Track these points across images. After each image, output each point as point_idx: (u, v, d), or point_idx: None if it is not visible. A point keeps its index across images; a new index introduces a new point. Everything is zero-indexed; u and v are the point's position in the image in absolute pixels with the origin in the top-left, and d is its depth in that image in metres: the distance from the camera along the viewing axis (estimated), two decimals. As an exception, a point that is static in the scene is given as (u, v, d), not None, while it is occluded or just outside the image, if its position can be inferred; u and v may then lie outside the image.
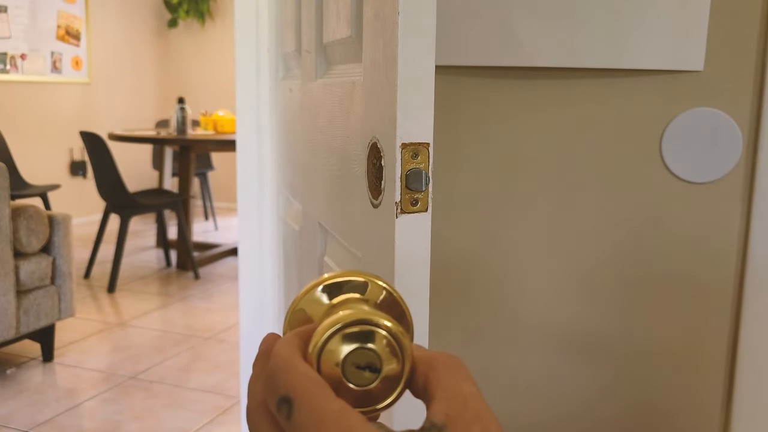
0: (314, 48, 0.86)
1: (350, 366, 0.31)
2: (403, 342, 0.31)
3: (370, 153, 0.59)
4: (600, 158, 0.83)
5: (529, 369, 0.88)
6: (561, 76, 0.82)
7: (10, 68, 5.06)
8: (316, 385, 0.29)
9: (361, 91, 0.63)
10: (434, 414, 0.29)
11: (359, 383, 0.31)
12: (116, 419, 2.31)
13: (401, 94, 0.51)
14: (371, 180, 0.59)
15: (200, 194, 5.69)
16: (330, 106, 0.79)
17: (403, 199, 0.53)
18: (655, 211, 0.83)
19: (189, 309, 3.50)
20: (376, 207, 0.58)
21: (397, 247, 0.53)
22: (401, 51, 0.50)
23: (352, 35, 0.68)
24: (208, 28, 6.35)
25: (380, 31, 0.55)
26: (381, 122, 0.56)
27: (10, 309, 2.48)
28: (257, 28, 1.39)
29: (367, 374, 0.31)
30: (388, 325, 0.31)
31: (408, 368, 0.31)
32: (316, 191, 0.89)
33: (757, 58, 0.78)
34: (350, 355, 0.31)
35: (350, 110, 0.69)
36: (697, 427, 0.86)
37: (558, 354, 0.87)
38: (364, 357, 0.31)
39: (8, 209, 2.45)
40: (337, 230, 0.78)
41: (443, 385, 0.30)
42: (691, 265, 0.83)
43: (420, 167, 0.52)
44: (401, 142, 0.51)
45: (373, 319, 0.31)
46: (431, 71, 0.52)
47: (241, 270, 1.50)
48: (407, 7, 0.50)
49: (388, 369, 0.31)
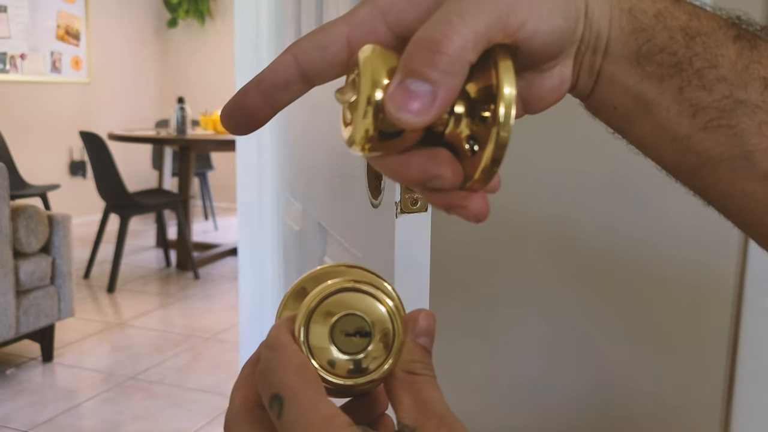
0: None
1: (339, 335, 0.30)
2: (389, 301, 0.30)
3: None
4: (600, 158, 0.83)
5: (529, 369, 0.88)
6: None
7: (10, 68, 5.06)
8: (307, 384, 0.29)
9: None
10: (404, 417, 0.29)
11: (351, 351, 0.30)
12: (116, 419, 2.31)
13: None
14: (371, 180, 0.59)
15: (200, 194, 5.69)
16: (329, 106, 0.79)
17: (403, 198, 0.53)
18: (655, 211, 0.83)
19: (189, 309, 3.50)
20: (376, 207, 0.58)
21: (397, 247, 0.53)
22: None
23: None
24: (208, 27, 6.35)
25: None
26: None
27: (9, 309, 2.48)
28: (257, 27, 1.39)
29: (357, 340, 0.30)
30: (370, 288, 0.30)
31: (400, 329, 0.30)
32: (316, 191, 0.88)
33: (757, 58, 0.78)
34: (337, 324, 0.30)
35: None
36: (697, 427, 0.86)
37: (557, 354, 0.87)
38: (351, 323, 0.30)
39: (8, 209, 2.45)
40: (337, 230, 0.78)
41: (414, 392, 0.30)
42: (691, 264, 0.83)
43: None
44: None
45: (355, 284, 0.30)
46: None
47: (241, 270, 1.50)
48: None
49: (379, 330, 0.30)
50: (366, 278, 0.34)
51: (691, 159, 0.31)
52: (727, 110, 0.29)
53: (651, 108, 0.30)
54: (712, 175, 0.31)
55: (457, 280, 0.86)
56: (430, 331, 0.32)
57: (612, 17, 0.30)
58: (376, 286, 0.31)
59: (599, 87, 0.32)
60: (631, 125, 0.32)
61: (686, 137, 0.30)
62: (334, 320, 0.30)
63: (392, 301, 0.31)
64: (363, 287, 0.31)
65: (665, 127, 0.31)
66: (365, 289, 0.31)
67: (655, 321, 0.84)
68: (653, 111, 0.30)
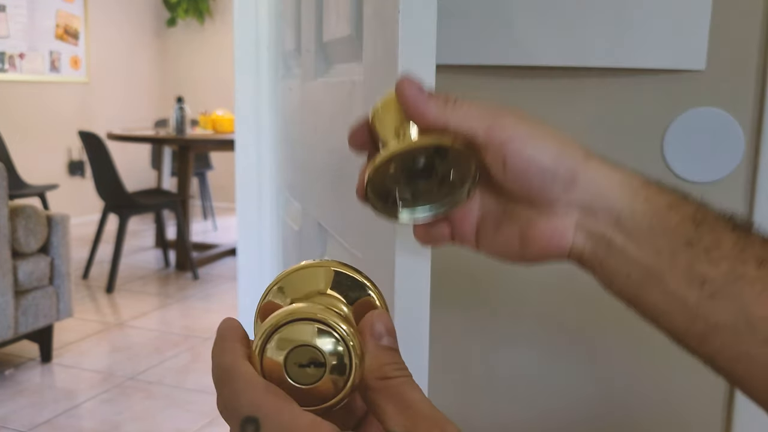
0: (314, 47, 0.86)
1: (293, 366, 0.30)
2: (340, 330, 0.30)
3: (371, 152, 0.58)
4: (601, 158, 0.83)
5: (529, 368, 0.88)
6: (561, 76, 0.81)
7: (9, 67, 5.05)
8: (280, 398, 0.28)
9: (361, 90, 0.63)
10: (392, 425, 0.29)
11: (306, 382, 0.30)
12: (115, 420, 2.30)
13: None
14: None
15: (199, 194, 5.68)
16: (330, 106, 0.78)
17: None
18: (656, 211, 0.83)
19: (188, 309, 3.50)
20: None
21: (397, 247, 0.53)
22: (401, 50, 0.50)
23: (352, 34, 0.68)
24: (207, 27, 6.34)
25: (380, 30, 0.55)
26: None
27: (8, 309, 2.47)
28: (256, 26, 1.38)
29: (312, 371, 0.30)
30: (322, 317, 0.30)
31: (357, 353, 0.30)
32: (316, 191, 0.88)
33: (759, 58, 0.78)
34: (290, 355, 0.30)
35: (351, 110, 0.68)
36: (698, 427, 0.86)
37: (558, 354, 0.87)
38: (304, 354, 0.30)
39: (6, 209, 2.44)
40: (338, 230, 0.78)
41: (393, 397, 0.30)
42: (692, 265, 0.83)
43: None
44: None
45: (307, 314, 0.30)
46: (432, 71, 0.51)
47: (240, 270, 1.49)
48: (407, 5, 0.49)
49: (332, 361, 0.30)
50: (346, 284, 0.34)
51: (700, 325, 0.35)
52: (730, 281, 0.33)
53: (663, 278, 0.35)
54: (718, 341, 0.35)
55: (456, 280, 0.86)
56: (390, 330, 0.32)
57: (625, 197, 0.36)
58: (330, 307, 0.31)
59: (612, 256, 0.36)
60: (644, 293, 0.36)
61: (695, 305, 0.34)
62: (286, 353, 0.30)
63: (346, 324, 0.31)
64: (315, 315, 0.30)
65: (676, 296, 0.35)
66: (318, 317, 0.30)
67: (656, 321, 0.84)
68: (665, 280, 0.35)
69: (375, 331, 0.31)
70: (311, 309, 0.31)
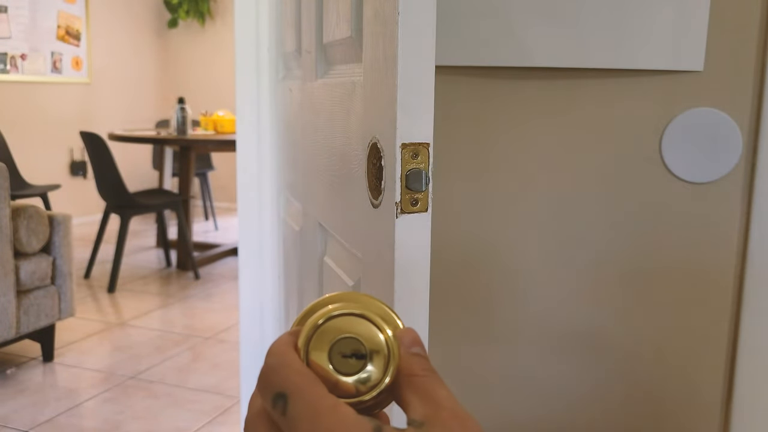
0: (314, 48, 0.86)
1: (337, 356, 0.32)
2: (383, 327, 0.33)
3: (370, 153, 0.59)
4: (599, 158, 0.83)
5: (529, 368, 0.88)
6: (560, 77, 0.82)
7: (11, 68, 5.06)
8: (309, 380, 0.31)
9: (361, 91, 0.63)
10: (412, 413, 0.31)
11: (348, 371, 0.32)
12: (116, 419, 2.31)
13: (401, 94, 0.51)
14: (371, 180, 0.59)
15: (200, 194, 5.69)
16: (330, 107, 0.79)
17: (404, 199, 0.52)
18: (654, 211, 0.83)
19: (189, 309, 3.50)
20: (376, 207, 0.58)
21: (397, 247, 0.53)
22: (401, 51, 0.50)
23: (352, 35, 0.68)
24: (208, 28, 6.35)
25: (380, 31, 0.55)
26: (381, 122, 0.56)
27: (10, 309, 2.48)
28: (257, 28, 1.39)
29: (353, 361, 0.32)
30: (367, 313, 0.33)
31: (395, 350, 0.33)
32: (317, 191, 0.89)
33: (757, 58, 0.78)
34: (336, 345, 0.32)
35: (350, 110, 0.68)
36: (696, 427, 0.86)
37: (557, 354, 0.87)
38: (348, 345, 0.32)
39: (8, 209, 2.45)
40: (338, 230, 0.78)
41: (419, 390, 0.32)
42: (690, 265, 0.83)
43: (420, 167, 0.52)
44: (401, 142, 0.51)
45: (353, 310, 0.33)
46: (431, 71, 0.52)
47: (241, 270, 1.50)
48: (407, 6, 0.50)
49: (373, 353, 0.32)
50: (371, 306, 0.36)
51: None
52: None
53: None
54: None
55: (456, 280, 0.87)
56: (418, 341, 0.34)
57: None
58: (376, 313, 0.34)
59: None
60: None
61: None
62: (332, 342, 0.33)
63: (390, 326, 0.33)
64: (362, 312, 0.33)
65: None
66: (364, 314, 0.33)
67: (654, 321, 0.85)
68: None
69: (406, 341, 0.34)
70: (359, 306, 0.34)
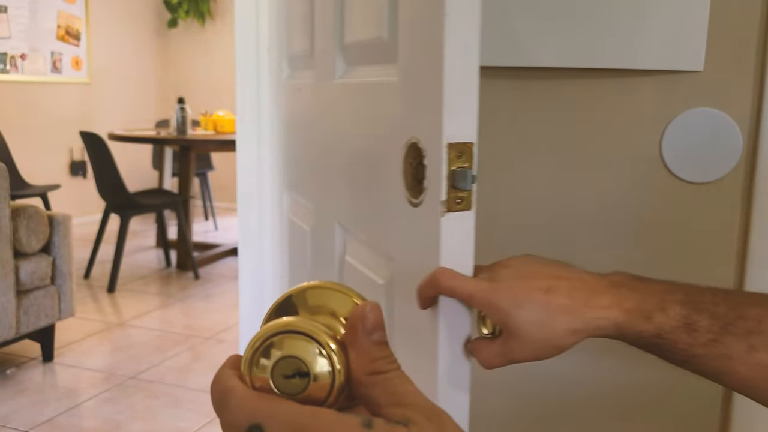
0: (332, 49, 0.86)
1: (279, 378, 0.31)
2: (320, 337, 0.31)
3: (408, 153, 0.59)
4: (599, 158, 0.83)
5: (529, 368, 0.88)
6: (560, 77, 0.82)
7: (10, 68, 5.06)
8: (276, 401, 0.29)
9: (395, 92, 0.63)
10: (390, 414, 0.29)
11: (294, 391, 0.31)
12: (116, 419, 2.31)
13: (447, 94, 0.52)
14: (408, 179, 0.60)
15: (200, 194, 5.69)
16: (352, 107, 0.79)
17: (449, 197, 0.53)
18: (654, 211, 0.83)
19: (189, 309, 3.50)
20: (416, 206, 0.58)
21: (443, 245, 0.54)
22: (447, 52, 0.51)
23: (383, 36, 0.68)
24: (208, 28, 6.35)
25: (423, 32, 0.56)
26: (423, 122, 0.56)
27: (10, 309, 2.48)
28: (257, 28, 1.39)
29: (297, 381, 0.31)
30: (300, 328, 0.31)
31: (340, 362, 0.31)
32: (335, 191, 0.88)
33: (757, 59, 0.78)
34: (275, 368, 0.31)
35: (379, 111, 0.69)
36: (695, 426, 0.86)
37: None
38: (288, 365, 0.31)
39: (8, 209, 2.45)
40: (362, 229, 0.78)
41: (387, 388, 0.30)
42: (690, 265, 0.83)
43: (465, 166, 0.53)
44: (447, 142, 0.52)
45: (287, 327, 0.32)
46: (476, 72, 0.53)
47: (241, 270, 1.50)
48: (454, 8, 0.51)
49: (316, 370, 0.31)
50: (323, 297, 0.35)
51: None
52: None
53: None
54: None
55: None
56: (380, 323, 0.32)
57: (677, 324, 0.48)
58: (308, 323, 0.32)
59: None
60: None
61: None
62: (272, 366, 0.31)
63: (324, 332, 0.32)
64: (295, 327, 0.31)
65: None
66: (300, 329, 0.31)
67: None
68: None
69: (366, 324, 0.32)
70: (289, 321, 0.32)
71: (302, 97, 1.08)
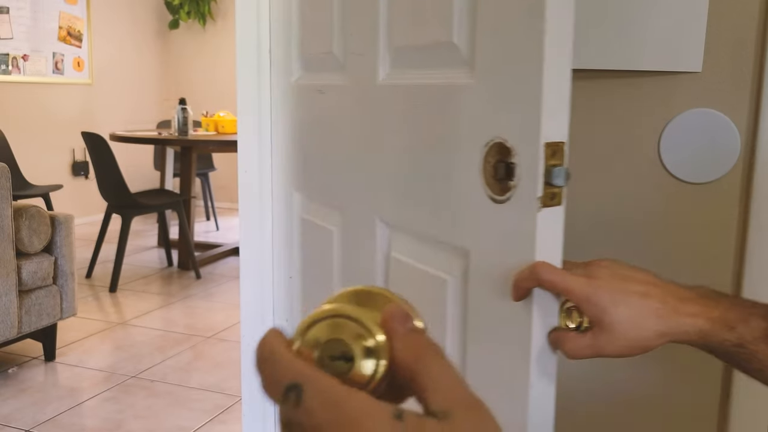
0: (376, 51, 0.86)
1: (326, 357, 0.32)
2: (370, 327, 0.33)
3: (489, 152, 0.62)
4: (598, 159, 0.84)
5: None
6: (560, 77, 0.82)
7: (12, 69, 5.07)
8: (320, 372, 0.30)
9: (472, 94, 0.65)
10: (433, 404, 0.30)
11: (336, 373, 0.32)
12: (118, 418, 2.32)
13: (546, 96, 0.55)
14: (488, 177, 0.62)
15: (202, 194, 5.69)
16: (405, 108, 0.80)
17: (544, 194, 0.56)
18: (652, 211, 0.83)
19: (190, 308, 3.51)
20: (501, 202, 0.61)
21: (538, 240, 0.57)
22: (547, 56, 0.54)
23: (452, 41, 0.68)
24: (209, 29, 6.36)
25: (513, 38, 0.58)
26: (513, 123, 0.59)
27: (12, 308, 2.49)
28: (258, 29, 1.40)
29: (341, 364, 0.32)
30: (350, 314, 0.33)
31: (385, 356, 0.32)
32: (375, 189, 0.87)
33: (755, 60, 0.79)
34: (324, 346, 0.33)
35: (445, 112, 0.70)
36: (694, 426, 0.87)
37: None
38: (336, 347, 0.32)
39: (10, 209, 2.46)
40: (423, 226, 0.78)
41: (433, 376, 0.31)
42: (688, 264, 0.84)
43: (558, 164, 0.56)
44: (545, 141, 0.55)
45: (337, 311, 0.33)
46: (569, 73, 0.55)
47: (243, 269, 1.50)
48: (551, 13, 0.53)
49: (361, 358, 0.32)
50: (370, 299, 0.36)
51: None
52: None
53: None
54: None
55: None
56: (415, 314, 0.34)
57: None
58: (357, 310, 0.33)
59: None
60: None
61: None
62: (322, 343, 0.33)
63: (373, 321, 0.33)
64: (351, 315, 0.33)
65: None
66: (353, 317, 0.33)
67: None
68: None
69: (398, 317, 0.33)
70: (346, 308, 0.34)
71: (325, 98, 1.08)
